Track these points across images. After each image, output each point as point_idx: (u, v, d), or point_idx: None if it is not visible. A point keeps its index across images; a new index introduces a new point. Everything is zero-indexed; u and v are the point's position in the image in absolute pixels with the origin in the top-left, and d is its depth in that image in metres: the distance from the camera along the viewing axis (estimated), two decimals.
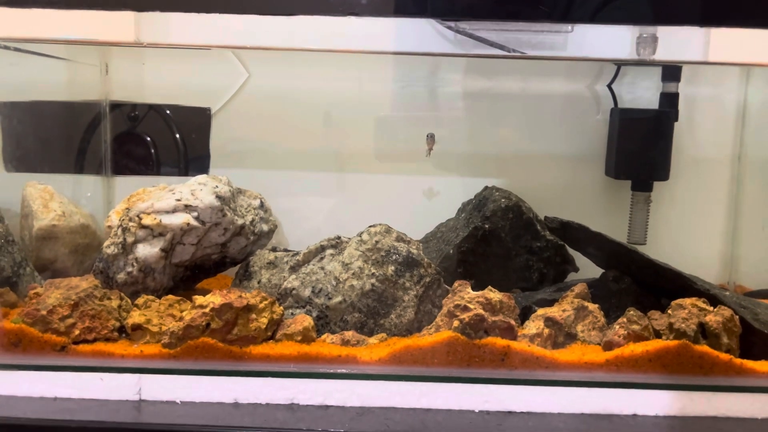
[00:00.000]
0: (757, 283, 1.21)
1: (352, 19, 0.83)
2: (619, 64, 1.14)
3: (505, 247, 1.14)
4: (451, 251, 1.11)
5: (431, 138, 1.15)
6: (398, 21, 0.95)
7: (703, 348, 0.87)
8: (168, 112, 1.23)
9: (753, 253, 1.22)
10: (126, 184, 1.23)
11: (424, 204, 1.24)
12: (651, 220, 1.19)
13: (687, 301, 0.91)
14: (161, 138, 1.24)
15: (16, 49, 0.99)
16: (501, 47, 1.10)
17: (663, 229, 1.22)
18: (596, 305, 0.97)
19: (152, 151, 1.25)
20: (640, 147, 1.16)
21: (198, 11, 0.82)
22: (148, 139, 1.25)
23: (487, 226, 1.12)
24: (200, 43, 0.96)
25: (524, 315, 0.98)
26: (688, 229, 1.23)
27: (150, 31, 1.00)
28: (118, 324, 0.93)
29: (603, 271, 1.08)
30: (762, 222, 1.20)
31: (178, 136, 1.24)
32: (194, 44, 1.03)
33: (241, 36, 0.97)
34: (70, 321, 0.89)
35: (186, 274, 1.11)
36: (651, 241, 1.20)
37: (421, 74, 1.23)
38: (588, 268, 1.14)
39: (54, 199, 1.14)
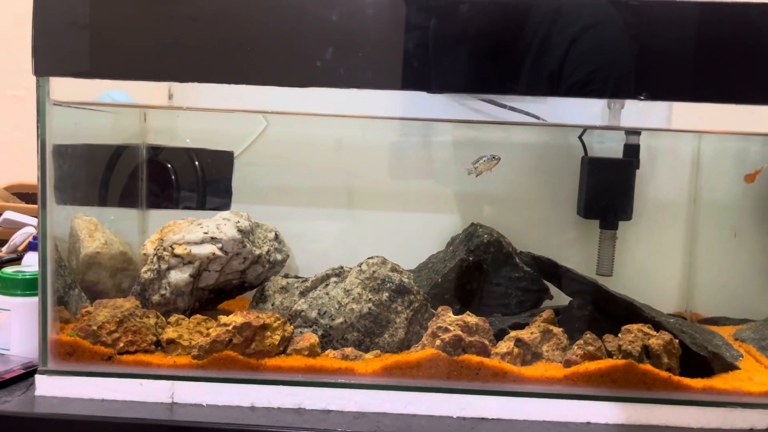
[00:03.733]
0: (712, 311, 1.36)
1: None
2: (586, 128, 1.31)
3: (487, 277, 1.29)
4: (440, 280, 1.28)
5: (489, 159, 1.23)
6: None
7: (646, 367, 1.03)
8: (196, 154, 1.41)
9: (706, 285, 1.37)
10: (159, 217, 1.41)
11: (417, 238, 1.40)
12: (617, 255, 1.34)
13: (634, 327, 1.06)
14: (190, 176, 1.42)
15: (76, 107, 1.17)
16: (496, 104, 1.28)
17: (628, 262, 1.36)
18: (561, 329, 1.12)
19: (173, 177, 1.42)
20: (607, 191, 1.32)
21: (228, 83, 1.00)
22: (169, 165, 1.42)
23: (471, 258, 1.28)
24: (227, 107, 1.13)
25: (500, 336, 1.14)
26: (650, 263, 1.37)
27: (182, 90, 1.19)
28: (155, 338, 1.09)
29: (570, 299, 1.24)
30: (713, 259, 1.35)
31: (204, 175, 1.42)
32: (222, 108, 1.21)
33: (262, 96, 1.14)
34: (116, 335, 1.06)
35: (210, 297, 1.28)
36: (617, 274, 1.34)
37: (418, 123, 1.40)
38: (562, 296, 1.30)
39: (98, 230, 1.31)
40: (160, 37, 0.99)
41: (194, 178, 1.41)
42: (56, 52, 1.00)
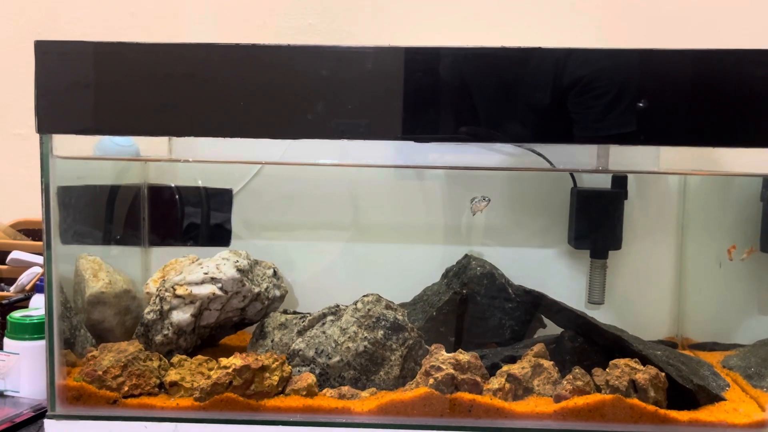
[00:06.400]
0: (702, 337, 1.39)
1: None
2: (572, 172, 1.34)
3: (481, 309, 1.33)
4: (435, 313, 1.31)
5: (480, 201, 1.30)
6: None
7: (633, 401, 1.06)
8: (196, 192, 1.45)
9: (697, 310, 1.40)
10: (161, 253, 1.45)
11: (413, 270, 1.43)
12: (608, 284, 1.37)
13: (621, 362, 1.10)
14: (190, 214, 1.46)
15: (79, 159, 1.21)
16: None
17: (619, 290, 1.39)
18: (551, 362, 1.16)
19: (174, 215, 1.46)
20: (596, 221, 1.35)
21: (223, 136, 1.04)
22: (170, 204, 1.46)
23: (464, 291, 1.32)
24: (225, 152, 1.17)
25: (493, 370, 1.18)
26: (641, 290, 1.40)
27: (180, 141, 1.23)
28: (158, 381, 1.13)
29: (562, 330, 1.28)
30: (699, 286, 1.39)
31: (205, 213, 1.46)
32: (220, 160, 1.26)
33: (258, 141, 1.18)
34: (121, 379, 1.10)
35: (211, 334, 1.31)
36: (609, 302, 1.37)
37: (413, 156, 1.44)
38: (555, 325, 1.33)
39: (102, 269, 1.35)
40: (157, 94, 1.03)
41: (194, 216, 1.45)
42: (58, 111, 1.04)
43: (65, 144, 1.10)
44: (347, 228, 1.45)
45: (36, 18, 1.58)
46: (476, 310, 1.32)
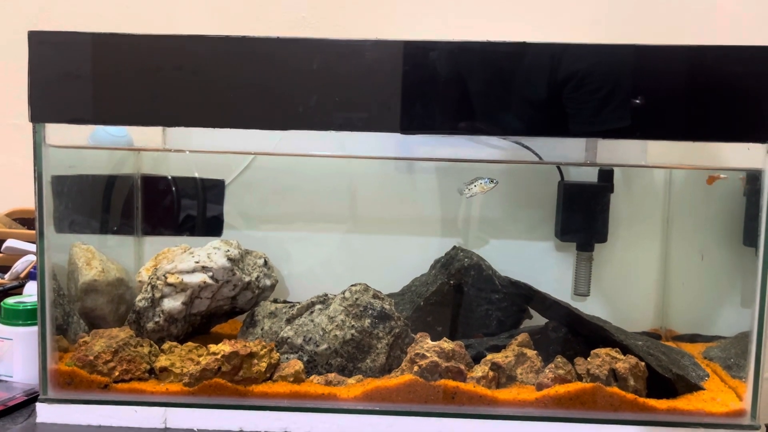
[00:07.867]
0: (685, 329, 1.41)
1: None
2: (561, 165, 1.36)
3: (468, 299, 1.35)
4: (422, 303, 1.33)
5: (487, 183, 1.29)
6: None
7: (613, 389, 1.08)
8: (189, 183, 1.47)
9: (680, 302, 1.42)
10: (154, 242, 1.47)
11: (403, 262, 1.45)
12: (594, 276, 1.39)
13: (602, 351, 1.12)
14: (183, 204, 1.48)
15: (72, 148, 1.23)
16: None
17: (605, 283, 1.41)
18: (534, 351, 1.18)
19: (167, 205, 1.48)
20: (582, 214, 1.37)
21: (214, 126, 1.06)
22: (162, 194, 1.48)
23: (452, 282, 1.34)
24: (218, 143, 1.18)
25: (478, 359, 1.20)
26: (626, 282, 1.42)
27: (174, 132, 1.25)
28: (148, 366, 1.15)
29: (547, 321, 1.30)
30: (683, 279, 1.41)
31: (197, 203, 1.48)
32: (212, 150, 1.28)
33: (250, 136, 1.19)
34: (112, 365, 1.13)
35: (202, 322, 1.33)
36: (594, 293, 1.39)
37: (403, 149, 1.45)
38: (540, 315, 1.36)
39: (95, 257, 1.37)
40: (150, 84, 1.05)
41: (187, 206, 1.47)
42: (51, 100, 1.06)
43: (60, 134, 1.12)
44: (338, 220, 1.47)
45: (31, 8, 1.59)
46: (463, 301, 1.34)
